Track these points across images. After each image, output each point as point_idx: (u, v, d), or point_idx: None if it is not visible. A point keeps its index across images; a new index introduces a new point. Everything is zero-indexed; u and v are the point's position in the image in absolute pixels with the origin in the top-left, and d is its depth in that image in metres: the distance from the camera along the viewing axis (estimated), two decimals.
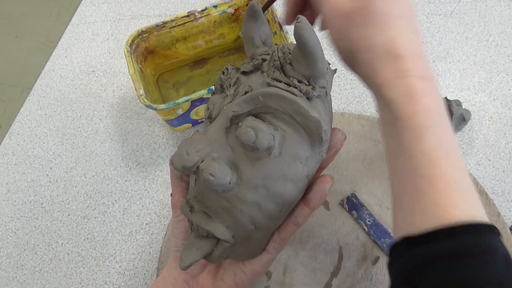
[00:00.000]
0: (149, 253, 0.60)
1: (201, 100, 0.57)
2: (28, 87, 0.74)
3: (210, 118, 0.36)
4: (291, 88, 0.32)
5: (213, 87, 0.55)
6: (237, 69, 0.37)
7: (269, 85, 0.33)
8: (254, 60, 0.35)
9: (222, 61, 0.70)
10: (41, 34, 0.87)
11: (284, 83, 0.32)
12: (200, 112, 0.62)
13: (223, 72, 0.37)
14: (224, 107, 0.34)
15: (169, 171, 0.65)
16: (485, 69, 0.67)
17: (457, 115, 0.60)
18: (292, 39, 0.60)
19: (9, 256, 0.61)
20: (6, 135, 0.70)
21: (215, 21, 0.65)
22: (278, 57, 0.33)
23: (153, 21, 0.78)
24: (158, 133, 0.68)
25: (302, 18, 0.29)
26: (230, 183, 0.32)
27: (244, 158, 0.33)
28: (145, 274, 0.59)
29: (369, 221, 0.55)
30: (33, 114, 0.71)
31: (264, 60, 0.35)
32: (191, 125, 0.66)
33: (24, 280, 0.60)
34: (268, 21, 0.63)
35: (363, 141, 0.62)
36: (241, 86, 0.35)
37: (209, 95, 0.56)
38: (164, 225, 0.61)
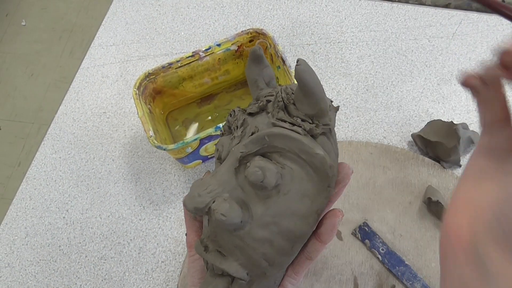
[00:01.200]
0: None
1: (209, 138, 0.59)
2: (44, 123, 0.76)
3: (220, 159, 0.37)
4: (295, 128, 0.33)
5: (221, 125, 0.57)
6: (244, 110, 0.38)
7: (274, 125, 0.34)
8: (259, 101, 0.36)
9: (228, 96, 0.72)
10: (56, 71, 0.90)
11: (289, 122, 0.33)
12: (209, 148, 0.63)
13: (230, 114, 0.38)
14: (233, 149, 0.35)
15: (181, 208, 0.65)
16: None
17: (465, 138, 0.60)
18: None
19: None
20: (24, 180, 0.72)
21: (219, 58, 0.67)
22: (282, 98, 0.34)
23: (160, 60, 0.80)
24: (170, 171, 0.69)
25: (302, 61, 0.31)
26: (241, 222, 0.33)
27: (254, 197, 0.33)
28: None
29: (382, 249, 0.55)
30: (48, 158, 0.73)
31: (268, 101, 0.36)
32: (201, 161, 0.67)
33: None
34: (271, 56, 0.65)
35: (372, 169, 0.62)
36: (248, 127, 0.36)
37: (217, 133, 0.58)
38: (180, 262, 0.62)
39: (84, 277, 0.63)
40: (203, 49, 0.65)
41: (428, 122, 0.64)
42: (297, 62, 0.31)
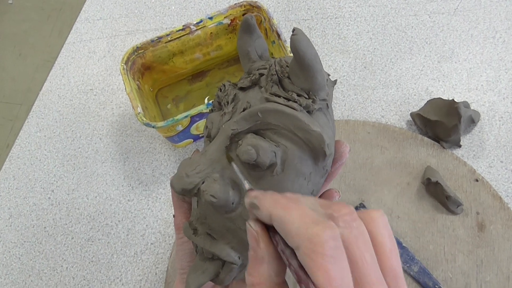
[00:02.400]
0: (156, 273, 0.58)
1: (200, 115, 0.56)
2: (33, 104, 0.73)
3: (210, 137, 0.35)
4: (290, 103, 0.30)
5: (212, 102, 0.54)
6: (235, 85, 0.35)
7: (267, 100, 0.31)
8: (251, 75, 0.34)
9: (221, 73, 0.69)
10: (44, 51, 0.87)
11: (283, 97, 0.31)
12: (200, 127, 0.60)
13: (220, 89, 0.36)
14: (223, 125, 0.33)
15: None
16: (493, 67, 0.65)
17: (466, 117, 0.58)
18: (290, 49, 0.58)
19: (14, 282, 0.60)
20: (6, 160, 0.69)
21: (211, 33, 0.64)
22: (276, 71, 0.32)
23: (149, 36, 0.77)
24: (160, 150, 0.66)
25: (298, 30, 0.28)
26: (233, 203, 0.31)
27: (246, 177, 0.31)
28: None
29: None
30: (33, 137, 0.70)
31: (261, 74, 0.33)
32: (192, 140, 0.64)
33: None
34: (266, 30, 0.62)
35: (369, 149, 0.60)
36: (239, 102, 0.33)
37: (208, 110, 0.55)
38: (170, 244, 0.60)
39: (71, 259, 0.61)
40: (194, 22, 0.62)
41: (428, 101, 0.62)
42: (293, 31, 0.28)
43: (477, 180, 0.56)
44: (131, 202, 0.63)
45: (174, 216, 0.40)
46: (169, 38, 0.62)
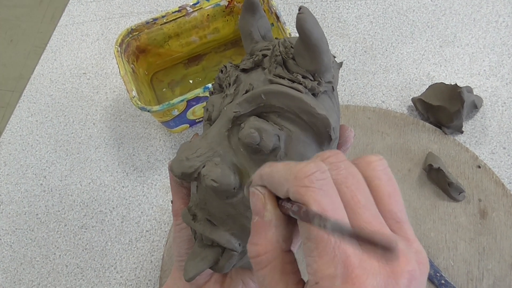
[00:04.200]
0: (151, 261, 0.57)
1: (197, 99, 0.54)
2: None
3: (210, 120, 0.34)
4: (295, 85, 0.29)
5: (210, 85, 0.53)
6: (236, 66, 0.34)
7: (271, 82, 0.30)
8: (253, 56, 0.33)
9: (218, 57, 0.67)
10: (36, 37, 0.84)
11: (288, 79, 0.30)
12: (197, 111, 0.59)
13: (221, 71, 0.34)
14: (225, 108, 0.31)
15: (167, 174, 0.62)
16: (496, 52, 0.64)
17: (469, 102, 0.57)
18: (290, 31, 0.57)
19: (5, 270, 0.59)
20: None
21: (208, 15, 0.62)
22: (280, 51, 0.31)
23: (144, 18, 0.75)
24: (155, 136, 0.65)
25: (305, 9, 0.27)
26: (234, 188, 0.30)
27: (248, 161, 0.30)
28: (147, 283, 0.56)
29: None
30: (24, 122, 0.68)
31: (264, 55, 0.32)
32: (188, 125, 0.63)
33: None
34: (264, 12, 0.60)
35: (370, 134, 0.59)
36: (241, 84, 0.32)
37: (206, 94, 0.53)
38: (165, 231, 0.59)
39: (64, 247, 0.59)
40: (191, 3, 0.60)
41: (430, 86, 0.60)
42: (299, 10, 0.27)
43: (479, 167, 0.56)
44: (125, 189, 0.62)
45: (172, 201, 0.38)
46: (164, 20, 0.60)
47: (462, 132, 0.58)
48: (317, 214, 0.19)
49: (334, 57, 0.34)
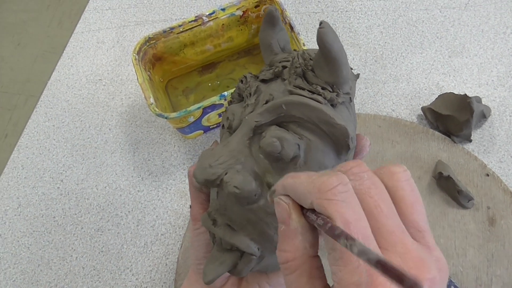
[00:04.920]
0: (166, 264, 0.58)
1: (212, 107, 0.56)
2: (32, 94, 0.72)
3: (230, 129, 0.35)
4: (315, 96, 0.30)
5: (226, 93, 0.54)
6: (256, 77, 0.35)
7: (291, 93, 0.31)
8: (273, 67, 0.34)
9: (231, 65, 0.69)
10: (44, 41, 0.86)
11: (308, 90, 0.31)
12: (211, 118, 0.60)
13: (241, 81, 0.36)
14: (246, 117, 0.32)
15: (182, 179, 0.63)
16: (504, 63, 0.65)
17: (478, 112, 0.58)
18: (304, 41, 0.58)
19: (23, 272, 0.60)
20: (15, 149, 0.69)
21: (223, 24, 0.64)
22: (299, 63, 0.32)
23: (159, 27, 0.77)
24: (169, 141, 0.66)
25: (325, 23, 0.28)
26: (255, 195, 0.31)
27: (268, 169, 0.31)
28: (162, 286, 0.57)
29: None
30: (41, 126, 0.70)
31: (284, 67, 0.33)
32: (202, 131, 0.64)
33: None
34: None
35: (380, 142, 0.60)
36: (261, 94, 0.33)
37: (221, 101, 0.55)
38: (180, 235, 0.60)
39: (80, 249, 0.61)
40: (207, 13, 0.61)
41: (439, 95, 0.62)
42: (320, 24, 0.28)
43: (487, 175, 0.57)
44: (141, 193, 0.63)
45: (190, 206, 0.39)
46: (181, 29, 0.61)
47: (470, 140, 0.59)
48: (343, 233, 0.20)
49: (352, 68, 0.35)
